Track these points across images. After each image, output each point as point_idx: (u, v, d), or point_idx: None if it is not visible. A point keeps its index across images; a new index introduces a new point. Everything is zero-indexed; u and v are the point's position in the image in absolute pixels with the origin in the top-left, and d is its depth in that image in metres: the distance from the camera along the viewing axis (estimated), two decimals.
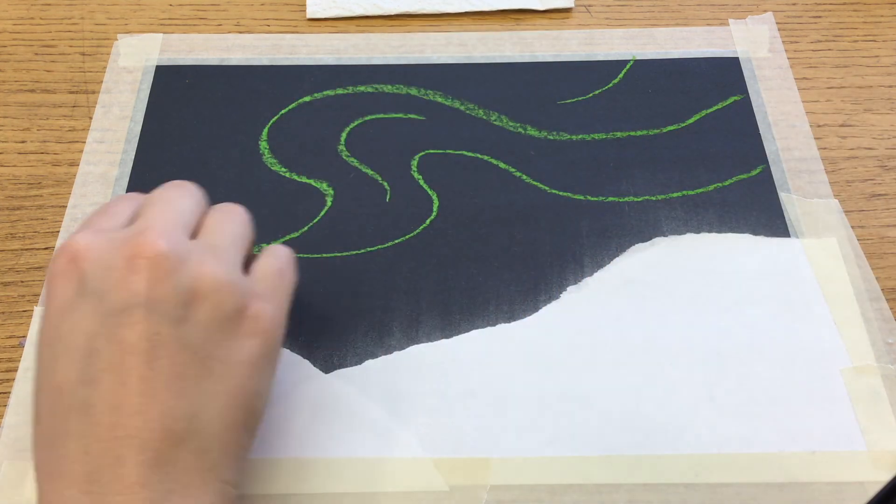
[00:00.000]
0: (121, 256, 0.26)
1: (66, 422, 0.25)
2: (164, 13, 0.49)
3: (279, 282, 0.30)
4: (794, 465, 0.33)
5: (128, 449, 0.24)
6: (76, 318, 0.26)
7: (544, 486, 0.32)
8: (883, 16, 0.49)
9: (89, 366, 0.25)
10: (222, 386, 0.26)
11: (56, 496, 0.24)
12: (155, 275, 0.26)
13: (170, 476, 0.24)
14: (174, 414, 0.25)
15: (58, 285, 0.27)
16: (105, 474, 0.24)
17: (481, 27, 0.48)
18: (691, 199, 0.41)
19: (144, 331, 0.25)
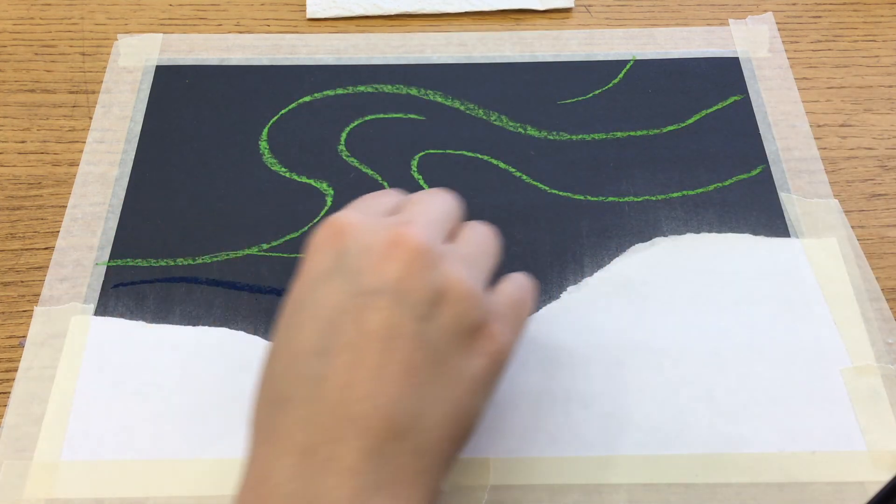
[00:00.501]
0: (382, 241, 0.26)
1: (296, 388, 0.25)
2: (164, 13, 0.49)
3: (519, 311, 0.30)
4: (794, 465, 0.33)
5: (350, 431, 0.24)
6: (327, 290, 0.26)
7: (544, 486, 0.32)
8: (883, 16, 0.49)
9: (329, 339, 0.25)
10: (448, 393, 0.26)
11: (270, 461, 0.24)
12: (410, 267, 0.26)
13: (383, 469, 0.24)
14: (401, 408, 0.24)
15: (317, 256, 0.27)
16: (323, 451, 0.24)
17: (481, 27, 0.48)
18: (691, 199, 0.41)
19: (387, 318, 0.25)
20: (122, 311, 0.37)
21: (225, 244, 0.39)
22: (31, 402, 0.34)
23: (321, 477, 0.23)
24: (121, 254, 0.39)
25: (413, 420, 0.25)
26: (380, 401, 0.24)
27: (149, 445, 0.33)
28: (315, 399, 0.24)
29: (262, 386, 0.27)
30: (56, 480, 0.32)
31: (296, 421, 0.24)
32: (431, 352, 0.25)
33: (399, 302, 0.25)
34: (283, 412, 0.25)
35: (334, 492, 0.23)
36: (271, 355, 0.27)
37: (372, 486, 0.23)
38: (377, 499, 0.23)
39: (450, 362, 0.26)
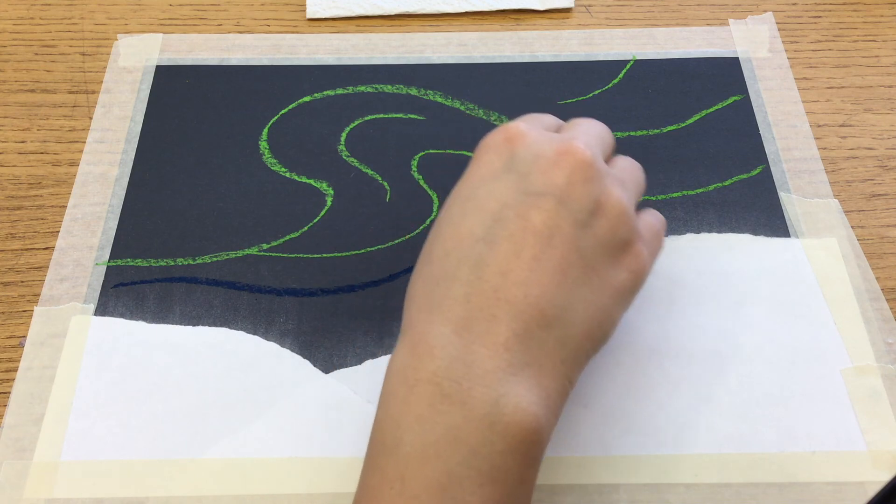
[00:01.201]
0: (551, 149, 0.29)
1: (458, 268, 0.27)
2: (164, 13, 0.49)
3: (657, 239, 0.33)
4: (794, 465, 0.33)
5: (504, 312, 0.26)
6: (496, 186, 0.29)
7: (544, 486, 0.32)
8: (883, 16, 0.49)
9: (494, 229, 0.28)
10: (593, 297, 0.28)
11: (429, 328, 0.27)
12: (575, 175, 0.28)
13: (530, 351, 0.26)
14: (550, 299, 0.27)
15: (488, 156, 0.30)
16: (478, 325, 0.26)
17: (481, 27, 0.48)
18: (691, 199, 0.41)
19: (550, 218, 0.27)
20: (122, 311, 0.37)
21: (225, 244, 0.39)
22: (31, 402, 0.34)
23: (475, 347, 0.26)
24: (121, 254, 0.39)
25: (560, 312, 0.27)
26: (533, 290, 0.27)
27: (149, 445, 0.33)
28: (475, 280, 0.27)
29: (424, 264, 0.29)
30: (56, 480, 0.32)
31: (457, 297, 0.27)
32: (583, 256, 0.28)
33: (562, 206, 0.28)
34: (444, 288, 0.27)
35: (487, 362, 0.26)
36: (434, 238, 0.29)
37: (519, 363, 0.26)
38: (523, 375, 0.26)
39: (598, 269, 0.28)
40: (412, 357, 0.26)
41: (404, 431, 0.25)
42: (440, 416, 0.25)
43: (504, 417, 0.25)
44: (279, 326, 0.36)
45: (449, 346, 0.26)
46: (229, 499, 0.32)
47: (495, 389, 0.25)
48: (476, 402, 0.25)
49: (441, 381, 0.25)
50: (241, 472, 0.33)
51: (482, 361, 0.26)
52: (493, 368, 0.26)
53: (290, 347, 0.36)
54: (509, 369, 0.26)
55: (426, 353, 0.26)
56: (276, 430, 0.34)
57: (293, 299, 0.37)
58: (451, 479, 0.25)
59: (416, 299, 0.28)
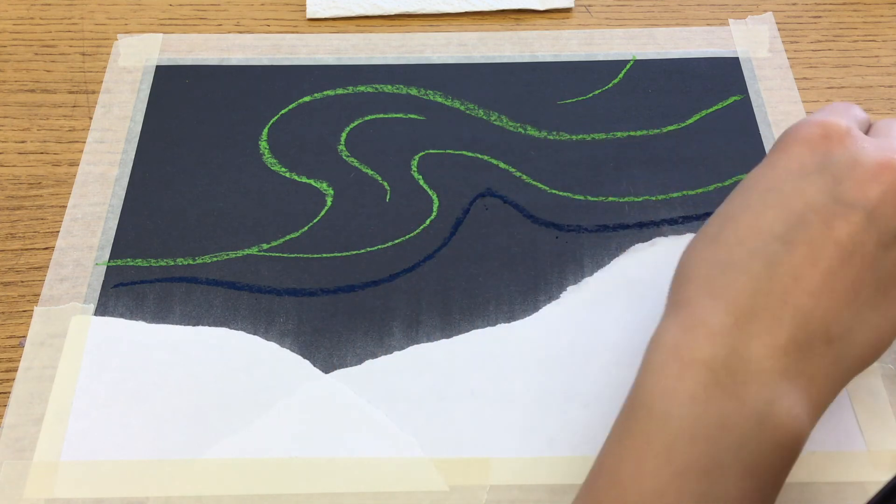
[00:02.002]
0: (872, 160, 0.27)
1: (751, 260, 0.27)
2: (164, 13, 0.49)
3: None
4: (794, 465, 0.33)
5: (789, 317, 0.26)
6: (804, 185, 0.28)
7: (544, 486, 0.32)
8: (883, 16, 0.49)
9: (794, 229, 0.27)
10: (878, 321, 0.27)
11: (710, 311, 0.26)
12: (892, 194, 0.27)
13: (806, 362, 0.26)
14: (837, 316, 0.26)
15: (800, 149, 0.29)
16: (761, 323, 0.26)
17: (481, 27, 0.48)
18: (691, 199, 0.41)
19: (856, 233, 0.26)
20: (122, 311, 0.37)
21: (225, 244, 0.39)
22: (31, 402, 0.34)
23: (754, 342, 0.25)
24: (121, 254, 0.39)
25: (844, 332, 0.26)
26: (823, 302, 0.26)
27: (149, 445, 0.33)
28: (766, 278, 0.26)
29: (710, 244, 0.28)
30: (56, 480, 0.32)
31: (744, 287, 0.26)
32: (879, 279, 0.27)
33: (870, 222, 0.26)
34: (731, 276, 0.26)
35: (764, 361, 0.25)
36: (727, 221, 0.28)
37: (795, 370, 0.25)
38: (796, 383, 0.25)
39: (888, 294, 0.27)
40: (688, 336, 0.26)
41: (675, 406, 0.25)
42: (712, 400, 0.25)
43: (775, 418, 0.25)
44: (279, 326, 0.36)
45: (728, 335, 0.25)
46: (229, 499, 0.32)
47: (770, 390, 0.25)
48: (749, 397, 0.25)
49: (717, 368, 0.25)
50: (241, 472, 0.33)
51: (759, 359, 0.25)
52: (769, 369, 0.25)
53: (290, 347, 0.36)
54: (784, 373, 0.25)
55: (704, 336, 0.26)
56: (276, 430, 0.34)
57: (293, 299, 0.37)
58: (716, 464, 0.24)
59: (696, 279, 0.27)
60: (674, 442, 0.25)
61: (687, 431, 0.25)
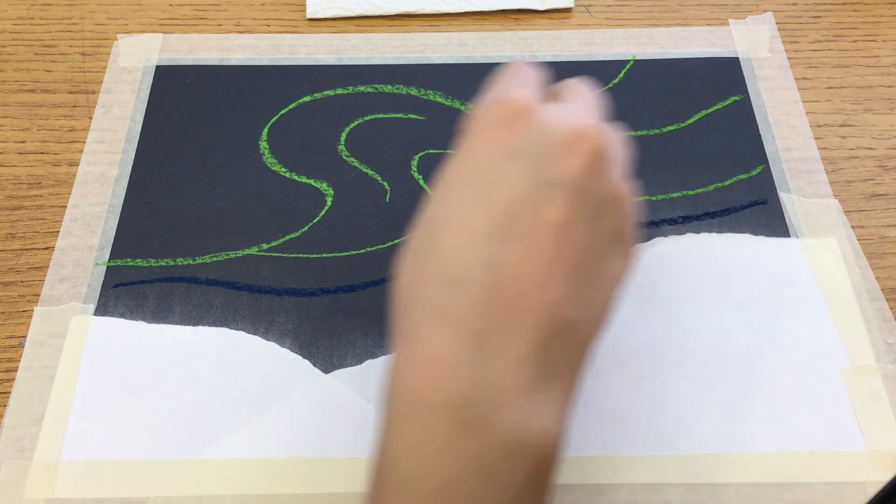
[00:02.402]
0: (564, 132, 0.26)
1: (470, 270, 0.24)
2: (164, 13, 0.49)
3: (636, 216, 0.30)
4: (794, 465, 0.33)
5: (523, 320, 0.24)
6: (506, 173, 0.25)
7: None
8: (883, 16, 0.49)
9: (506, 226, 0.25)
10: (601, 294, 0.26)
11: (440, 340, 0.24)
12: (592, 165, 0.25)
13: (547, 363, 0.24)
14: (569, 302, 0.25)
15: (492, 134, 0.26)
16: (497, 337, 0.24)
17: (481, 27, 0.48)
18: (691, 199, 0.41)
19: (565, 213, 0.25)
20: (122, 311, 0.37)
21: (225, 244, 0.39)
22: (31, 402, 0.34)
23: (495, 363, 0.24)
24: (121, 254, 0.39)
25: (578, 316, 0.25)
26: (551, 294, 0.24)
27: (149, 445, 0.33)
28: (490, 285, 0.24)
29: (427, 260, 0.26)
30: (56, 480, 0.32)
31: (471, 304, 0.24)
32: (594, 252, 0.26)
33: (577, 199, 0.25)
34: (455, 291, 0.24)
35: (506, 380, 0.23)
36: (435, 230, 0.26)
37: (540, 376, 0.24)
38: (543, 390, 0.24)
39: (603, 264, 0.26)
40: (424, 376, 0.24)
41: (423, 465, 0.23)
42: (461, 445, 0.23)
43: (527, 443, 0.23)
44: (279, 326, 0.36)
45: (466, 365, 0.23)
46: (229, 499, 0.32)
47: (518, 412, 0.23)
48: (499, 427, 0.23)
49: (460, 406, 0.23)
50: (241, 472, 0.33)
51: (503, 380, 0.23)
52: (515, 386, 0.23)
53: (290, 347, 0.36)
54: (531, 385, 0.24)
55: (441, 373, 0.24)
56: (276, 430, 0.34)
57: (293, 299, 0.37)
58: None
59: (418, 302, 0.25)
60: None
61: (438, 492, 0.23)
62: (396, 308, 0.26)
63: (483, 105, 0.28)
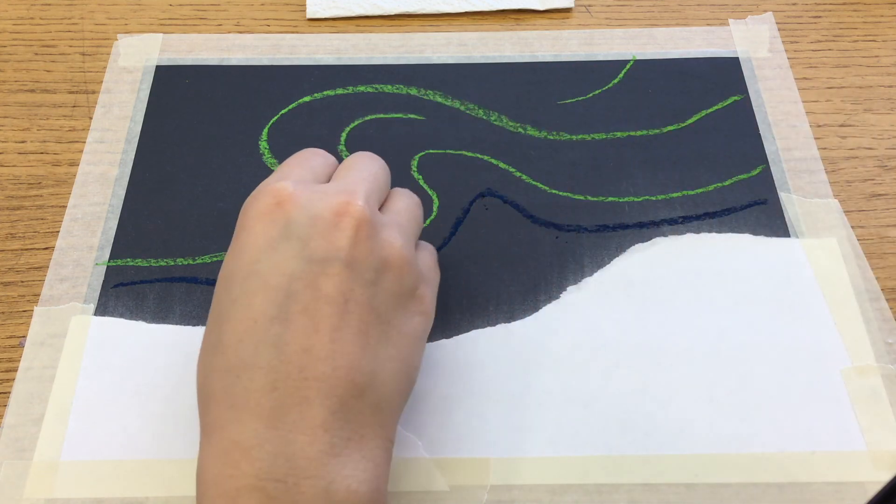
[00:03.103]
0: (328, 210, 0.27)
1: (257, 355, 0.26)
2: (164, 13, 0.49)
3: (434, 270, 0.33)
4: (794, 465, 0.33)
5: (315, 392, 0.25)
6: (278, 259, 0.27)
7: (544, 486, 0.32)
8: (883, 16, 0.49)
9: (286, 306, 0.26)
10: (395, 352, 0.28)
11: (238, 427, 0.25)
12: (358, 235, 0.27)
13: (348, 424, 0.25)
14: (359, 367, 0.26)
15: (260, 223, 0.28)
16: (292, 413, 0.25)
17: (481, 27, 0.48)
18: (691, 199, 0.41)
19: (341, 284, 0.26)
20: (121, 311, 0.37)
21: (225, 244, 0.39)
22: (31, 402, 0.34)
23: (293, 436, 0.25)
24: (121, 254, 0.39)
25: (370, 378, 0.26)
26: (339, 362, 0.26)
27: (149, 445, 0.33)
28: (278, 364, 0.25)
29: (215, 353, 0.27)
30: (56, 480, 0.32)
31: (261, 387, 0.25)
32: (379, 315, 0.27)
33: (350, 269, 0.27)
34: (248, 379, 0.25)
35: (308, 449, 0.25)
36: (221, 323, 0.27)
37: (341, 440, 0.25)
38: (346, 453, 0.25)
39: (393, 322, 0.28)
40: (226, 464, 0.25)
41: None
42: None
43: (337, 500, 0.24)
44: None
45: (265, 444, 0.24)
46: None
47: (323, 478, 0.24)
48: (306, 497, 0.24)
49: (265, 484, 0.24)
50: None
51: (303, 451, 0.24)
52: (316, 454, 0.25)
53: None
54: (332, 451, 0.25)
55: (242, 457, 0.24)
56: None
57: None
58: None
59: (214, 395, 0.26)
60: None
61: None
62: (199, 405, 0.27)
63: (251, 197, 0.29)
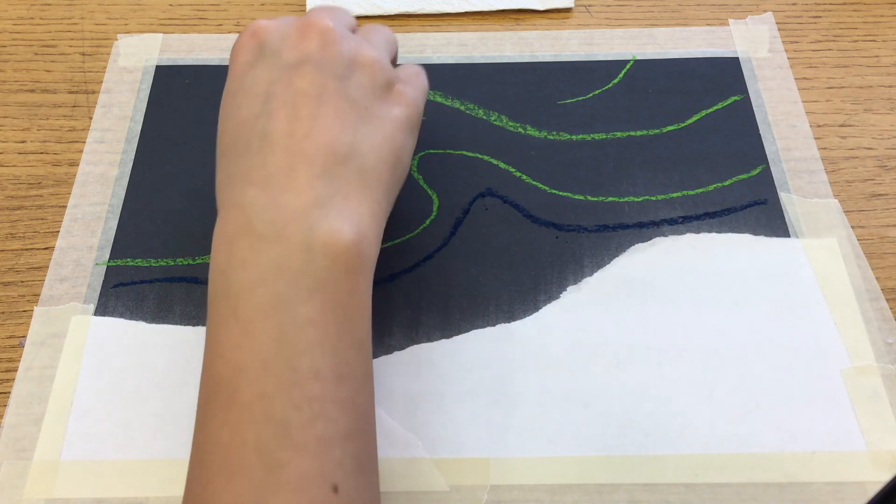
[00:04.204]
0: (295, 28, 0.32)
1: (248, 145, 0.30)
2: (164, 13, 0.49)
3: (417, 76, 0.36)
4: (794, 465, 0.33)
5: (300, 163, 0.29)
6: (257, 72, 0.31)
7: (544, 486, 0.32)
8: (883, 16, 0.49)
9: (268, 104, 0.30)
10: (377, 131, 0.31)
11: (236, 192, 0.29)
12: (323, 41, 0.31)
13: (332, 184, 0.29)
14: (338, 139, 0.30)
15: (241, 52, 0.33)
16: (280, 179, 0.29)
17: (481, 27, 0.48)
18: (691, 199, 0.41)
19: (314, 80, 0.30)
20: (121, 311, 0.37)
21: None
22: (31, 402, 0.34)
23: (282, 195, 0.28)
24: (121, 254, 0.39)
25: (351, 149, 0.30)
26: (319, 138, 0.29)
27: (149, 445, 0.33)
28: (266, 147, 0.29)
29: (219, 158, 0.31)
30: (56, 480, 0.32)
31: (254, 164, 0.29)
32: (354, 102, 0.31)
33: (321, 67, 0.31)
34: (240, 162, 0.30)
35: (295, 202, 0.28)
36: (221, 134, 0.32)
37: (325, 196, 0.29)
38: (331, 205, 0.29)
39: (371, 110, 0.31)
40: (227, 221, 0.29)
41: (231, 275, 0.28)
42: (261, 254, 0.28)
43: (319, 240, 0.28)
44: None
45: (257, 200, 0.28)
46: None
47: (307, 221, 0.28)
48: (291, 235, 0.28)
49: (256, 227, 0.28)
50: None
51: (290, 203, 0.28)
52: (302, 205, 0.28)
53: None
54: (316, 203, 0.28)
55: (239, 212, 0.29)
56: None
57: None
58: (279, 299, 0.27)
59: (222, 183, 0.30)
60: (236, 303, 0.27)
61: (245, 289, 0.27)
62: (217, 197, 0.30)
63: (236, 39, 0.33)
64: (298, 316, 0.27)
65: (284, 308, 0.27)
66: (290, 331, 0.27)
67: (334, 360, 0.27)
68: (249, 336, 0.27)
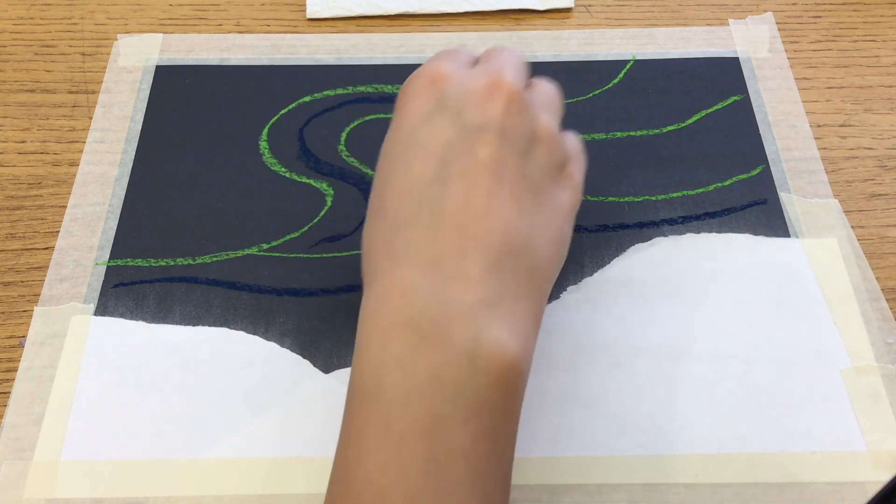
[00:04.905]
0: (480, 83, 0.29)
1: (418, 214, 0.27)
2: (164, 13, 0.49)
3: (581, 155, 0.33)
4: (794, 465, 0.33)
5: (472, 247, 0.26)
6: (434, 128, 0.28)
7: (544, 486, 0.32)
8: (883, 16, 0.49)
9: (444, 169, 0.27)
10: (548, 220, 0.29)
11: (398, 274, 0.26)
12: (509, 107, 0.28)
13: (503, 281, 0.26)
14: (514, 227, 0.27)
15: (417, 99, 0.30)
16: (449, 263, 0.26)
17: (481, 27, 0.48)
18: (691, 199, 0.41)
19: (494, 151, 0.27)
20: (121, 311, 0.37)
21: (225, 244, 0.39)
22: (31, 402, 0.34)
23: (449, 284, 0.26)
24: (121, 254, 0.39)
25: (525, 240, 0.27)
26: (496, 221, 0.27)
27: (149, 445, 0.33)
28: (437, 221, 0.27)
29: (378, 218, 0.28)
30: (56, 480, 0.32)
31: (421, 239, 0.27)
32: (531, 183, 0.28)
33: (503, 137, 0.28)
34: (408, 234, 0.27)
35: (463, 297, 0.25)
36: (384, 190, 0.29)
37: (495, 294, 0.26)
38: (499, 307, 0.26)
39: (545, 193, 0.29)
40: (384, 304, 0.26)
41: (385, 377, 0.25)
42: (420, 358, 0.25)
43: (485, 352, 0.25)
44: (279, 326, 0.36)
45: (421, 288, 0.26)
46: (229, 499, 0.32)
47: (474, 324, 0.25)
48: (456, 340, 0.25)
49: (418, 323, 0.25)
50: (241, 472, 0.33)
51: (458, 297, 0.25)
52: (470, 303, 0.25)
53: (289, 347, 0.36)
54: (486, 302, 0.25)
55: (399, 298, 0.26)
56: (276, 430, 0.34)
57: (293, 299, 0.37)
58: (435, 418, 0.24)
59: (378, 251, 0.28)
60: (389, 413, 0.24)
61: (400, 398, 0.25)
62: (363, 261, 0.28)
63: (408, 79, 0.31)
64: (451, 443, 0.24)
65: (438, 432, 0.24)
66: (440, 460, 0.24)
67: (479, 500, 0.25)
68: (398, 459, 0.24)
